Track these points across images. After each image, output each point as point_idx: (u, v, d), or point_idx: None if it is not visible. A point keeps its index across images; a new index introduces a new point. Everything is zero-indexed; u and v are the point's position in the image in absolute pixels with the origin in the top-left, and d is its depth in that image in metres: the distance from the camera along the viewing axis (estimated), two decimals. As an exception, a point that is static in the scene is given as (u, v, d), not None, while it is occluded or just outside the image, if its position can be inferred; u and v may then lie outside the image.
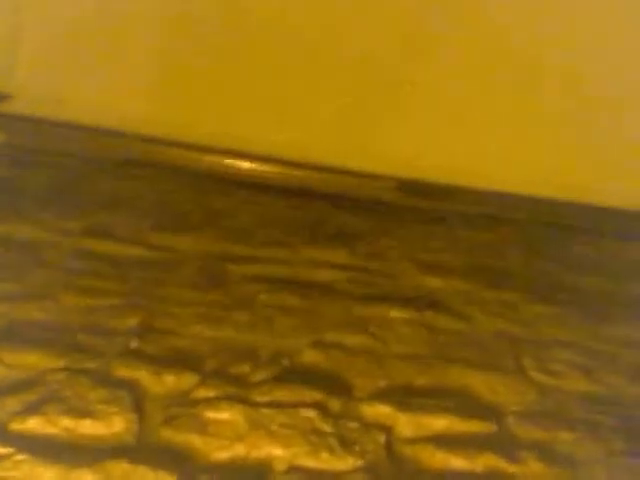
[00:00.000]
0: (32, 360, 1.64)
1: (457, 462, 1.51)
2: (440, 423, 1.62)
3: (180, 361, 1.70)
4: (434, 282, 1.97)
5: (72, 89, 2.14)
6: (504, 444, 1.56)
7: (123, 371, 1.66)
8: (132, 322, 1.78)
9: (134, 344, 1.73)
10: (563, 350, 1.80)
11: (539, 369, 1.75)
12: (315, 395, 1.67)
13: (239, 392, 1.65)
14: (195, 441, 1.50)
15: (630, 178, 1.98)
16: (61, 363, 1.65)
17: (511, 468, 1.50)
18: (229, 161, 2.19)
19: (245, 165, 2.18)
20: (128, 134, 2.18)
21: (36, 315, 1.76)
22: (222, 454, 1.48)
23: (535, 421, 1.63)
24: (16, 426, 1.48)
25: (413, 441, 1.57)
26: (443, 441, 1.56)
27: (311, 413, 1.61)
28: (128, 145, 2.19)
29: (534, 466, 1.51)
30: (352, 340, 1.80)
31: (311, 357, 1.76)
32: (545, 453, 1.54)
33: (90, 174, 2.22)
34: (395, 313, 1.87)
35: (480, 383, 1.72)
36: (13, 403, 1.52)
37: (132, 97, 2.13)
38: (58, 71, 2.14)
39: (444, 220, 2.19)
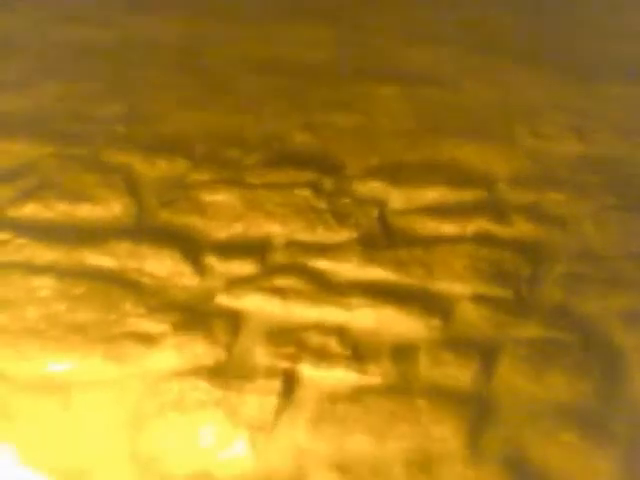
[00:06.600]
0: (18, 148, 1.60)
1: (448, 228, 1.54)
2: (431, 194, 1.64)
3: (169, 147, 1.67)
4: (422, 54, 1.89)
5: None
6: (494, 209, 1.59)
7: (114, 157, 1.63)
8: (116, 108, 1.72)
9: (121, 130, 1.68)
10: (555, 113, 1.77)
11: (530, 134, 1.74)
12: (308, 175, 1.67)
13: (233, 175, 1.65)
14: (194, 222, 1.52)
15: None
16: (49, 150, 1.61)
17: (501, 230, 1.54)
18: None
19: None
20: None
21: (16, 104, 1.68)
22: (222, 233, 1.51)
23: (525, 185, 1.65)
24: (13, 213, 1.48)
25: (405, 212, 1.60)
26: (434, 211, 1.60)
27: (305, 192, 1.62)
28: None
29: (523, 227, 1.54)
30: (341, 119, 1.77)
31: (301, 139, 1.74)
32: (534, 214, 1.57)
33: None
34: (384, 89, 1.81)
35: (471, 153, 1.72)
36: (7, 190, 1.51)
37: None
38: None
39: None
